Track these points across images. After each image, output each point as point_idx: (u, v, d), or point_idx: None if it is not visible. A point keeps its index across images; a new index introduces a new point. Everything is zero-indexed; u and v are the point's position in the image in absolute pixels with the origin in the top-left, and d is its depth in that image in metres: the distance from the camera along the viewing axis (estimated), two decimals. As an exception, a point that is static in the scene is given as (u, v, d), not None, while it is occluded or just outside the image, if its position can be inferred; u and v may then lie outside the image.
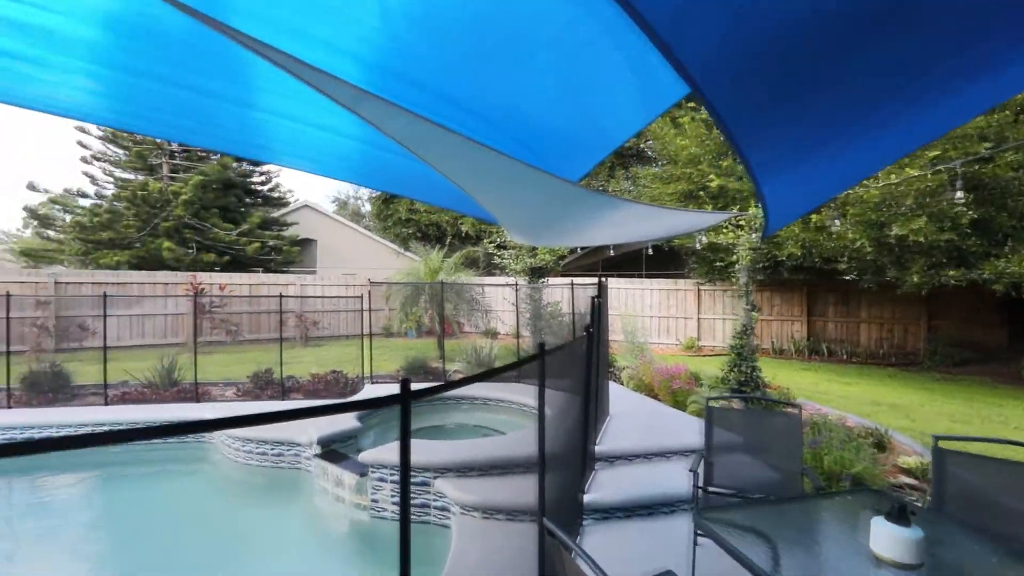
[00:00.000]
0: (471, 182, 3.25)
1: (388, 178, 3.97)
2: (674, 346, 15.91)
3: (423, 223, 25.52)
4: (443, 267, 12.90)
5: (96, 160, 18.98)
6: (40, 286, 13.52)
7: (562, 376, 3.69)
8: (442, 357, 9.80)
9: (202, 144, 3.04)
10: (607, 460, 4.99)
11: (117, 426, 6.81)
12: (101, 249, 17.73)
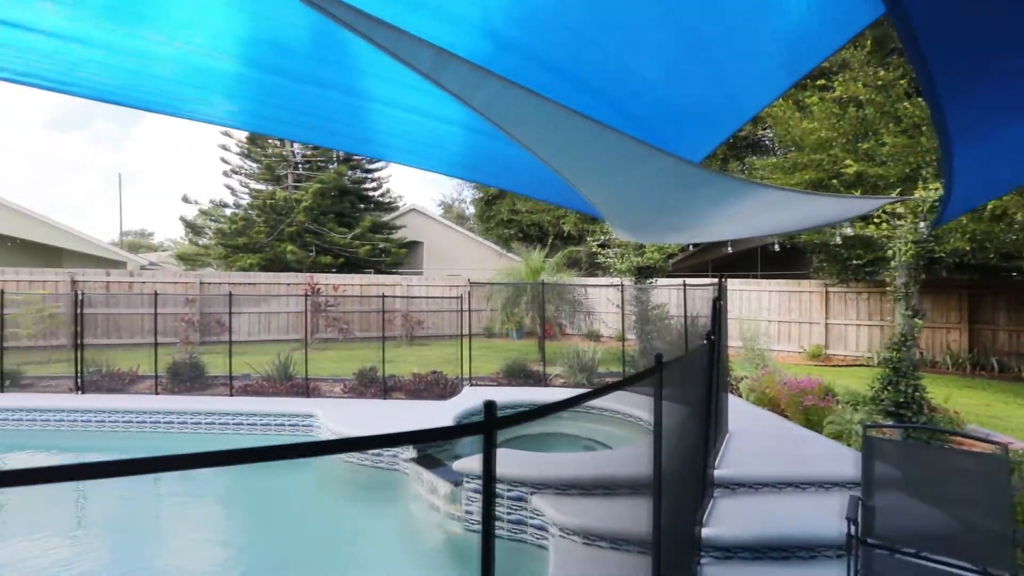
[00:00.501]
0: (575, 167, 2.85)
1: (492, 170, 3.68)
2: (796, 354, 14.29)
3: (524, 223, 25.48)
4: (544, 267, 12.60)
5: (234, 173, 21.13)
6: (189, 286, 15.19)
7: (679, 387, 3.17)
8: (543, 360, 9.49)
9: (318, 141, 2.96)
10: (728, 487, 4.33)
11: (238, 415, 7.27)
12: (238, 253, 19.67)
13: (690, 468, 3.59)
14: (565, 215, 21.46)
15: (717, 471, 4.35)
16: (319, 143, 2.58)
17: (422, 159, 2.97)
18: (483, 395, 7.75)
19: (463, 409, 6.76)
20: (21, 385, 8.67)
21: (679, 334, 9.29)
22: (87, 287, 13.99)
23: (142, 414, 7.34)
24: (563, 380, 9.06)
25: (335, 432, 6.34)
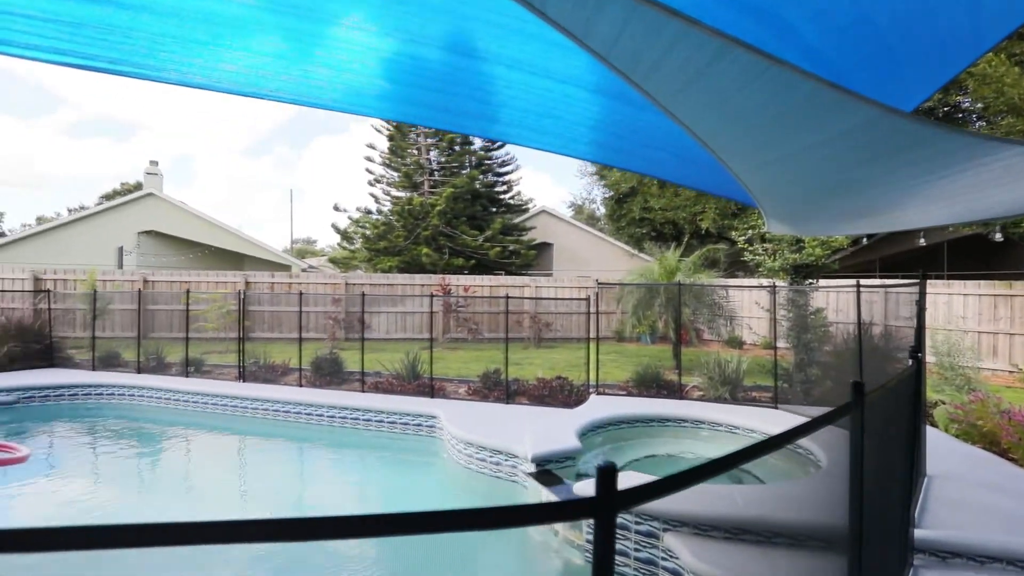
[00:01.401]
0: (729, 132, 2.21)
1: (626, 147, 3.12)
2: (1008, 373, 11.45)
3: (658, 221, 24.09)
4: (680, 267, 11.55)
5: (377, 182, 22.78)
6: (336, 287, 16.55)
7: (879, 420, 2.35)
8: (678, 368, 8.58)
9: (447, 127, 2.70)
10: (935, 554, 3.28)
11: (368, 412, 7.50)
12: (380, 256, 21.14)
13: (882, 524, 2.70)
14: (703, 211, 19.81)
15: (918, 530, 3.32)
16: (450, 127, 2.29)
17: (550, 138, 2.54)
18: (611, 405, 7.13)
19: (588, 420, 6.22)
20: (202, 372, 9.90)
21: (846, 345, 7.78)
22: (257, 288, 15.85)
23: (287, 404, 7.91)
24: (701, 392, 8.09)
25: (455, 436, 6.18)
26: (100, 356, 10.29)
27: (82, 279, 14.47)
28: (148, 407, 8.71)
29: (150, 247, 22.70)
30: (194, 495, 5.98)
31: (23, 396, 8.64)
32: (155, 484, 6.30)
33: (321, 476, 6.65)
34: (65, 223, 22.36)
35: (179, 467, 6.95)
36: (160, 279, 15.60)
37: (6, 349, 10.22)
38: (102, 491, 6.00)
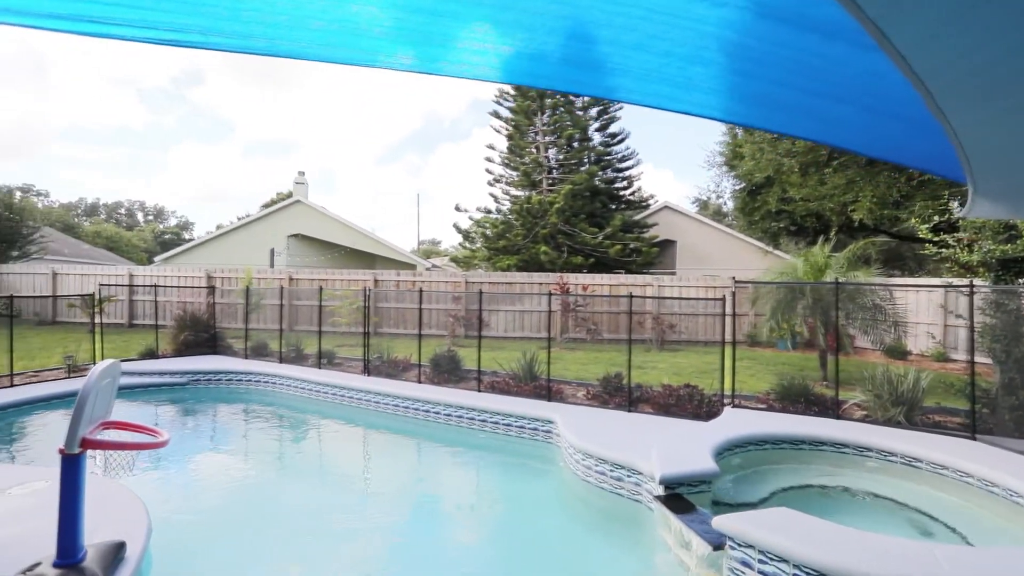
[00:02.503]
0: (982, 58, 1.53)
1: (800, 105, 2.47)
2: None
3: (798, 214, 21.55)
4: (831, 264, 10.03)
5: (497, 182, 23.06)
6: (457, 285, 16.93)
7: None
8: (827, 380, 7.35)
9: (561, 87, 2.30)
10: None
11: (484, 412, 7.36)
12: (499, 255, 21.36)
13: None
14: (857, 200, 17.27)
15: None
16: (560, 88, 1.91)
17: (670, 89, 2.01)
18: (750, 420, 6.24)
19: (724, 438, 5.44)
20: (334, 364, 10.54)
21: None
22: (384, 285, 16.73)
23: (407, 400, 8.04)
24: (864, 412, 6.82)
25: (573, 444, 5.76)
26: (252, 346, 11.40)
27: (241, 277, 16.32)
28: (287, 394, 9.41)
29: (297, 248, 25.17)
30: (321, 480, 6.23)
31: (192, 379, 9.79)
32: (288, 466, 6.67)
33: (437, 474, 6.60)
34: (233, 229, 25.56)
35: (310, 453, 7.34)
36: (302, 277, 17.08)
37: (183, 337, 11.73)
38: (245, 468, 6.48)
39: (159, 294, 16.36)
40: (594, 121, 22.42)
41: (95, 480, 3.88)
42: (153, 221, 70.87)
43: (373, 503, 5.60)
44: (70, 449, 2.87)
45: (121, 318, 17.05)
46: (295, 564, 4.28)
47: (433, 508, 5.52)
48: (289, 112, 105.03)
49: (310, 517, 5.14)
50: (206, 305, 13.36)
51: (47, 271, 17.96)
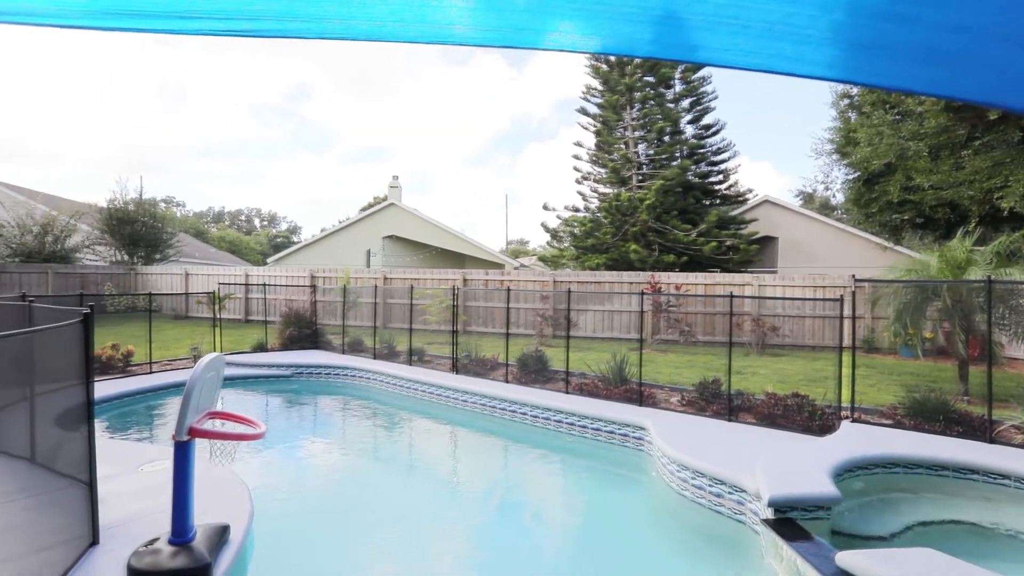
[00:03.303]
0: None
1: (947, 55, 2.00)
2: None
3: (927, 204, 19.12)
4: (974, 260, 8.70)
5: (584, 180, 22.65)
6: (544, 284, 16.81)
7: None
8: (975, 395, 6.32)
9: (659, 54, 2.07)
10: None
11: (571, 415, 7.14)
12: (587, 254, 20.97)
13: None
14: (1006, 184, 14.95)
15: None
16: (640, 55, 1.66)
17: (767, 44, 1.68)
18: (874, 438, 5.50)
19: (844, 457, 4.80)
20: (423, 361, 10.81)
21: None
22: (472, 284, 16.97)
23: (494, 399, 8.01)
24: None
25: (667, 454, 5.40)
26: (349, 342, 11.99)
27: (340, 277, 17.30)
28: (380, 389, 9.76)
29: (391, 249, 26.33)
30: (410, 474, 6.34)
31: (296, 371, 10.46)
32: (380, 459, 6.87)
33: (522, 476, 6.49)
34: (333, 232, 27.27)
35: (400, 447, 7.52)
36: (396, 276, 17.79)
37: (288, 332, 12.61)
38: (340, 458, 6.76)
39: (269, 292, 17.78)
40: (686, 113, 21.37)
41: (205, 465, 4.15)
42: (267, 226, 77.68)
43: (459, 501, 5.59)
44: (179, 436, 3.04)
45: (238, 314, 18.73)
46: (382, 553, 4.33)
47: (517, 512, 5.40)
48: (385, 120, 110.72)
49: (398, 510, 5.23)
50: (309, 303, 14.30)
51: (181, 272, 20.14)
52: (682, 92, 21.22)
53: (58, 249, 19.66)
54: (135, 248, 22.04)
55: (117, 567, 3.16)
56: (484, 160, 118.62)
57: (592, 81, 22.32)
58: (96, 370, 9.23)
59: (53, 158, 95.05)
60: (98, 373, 9.12)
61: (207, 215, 73.92)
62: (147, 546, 3.23)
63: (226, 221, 75.58)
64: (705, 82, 20.98)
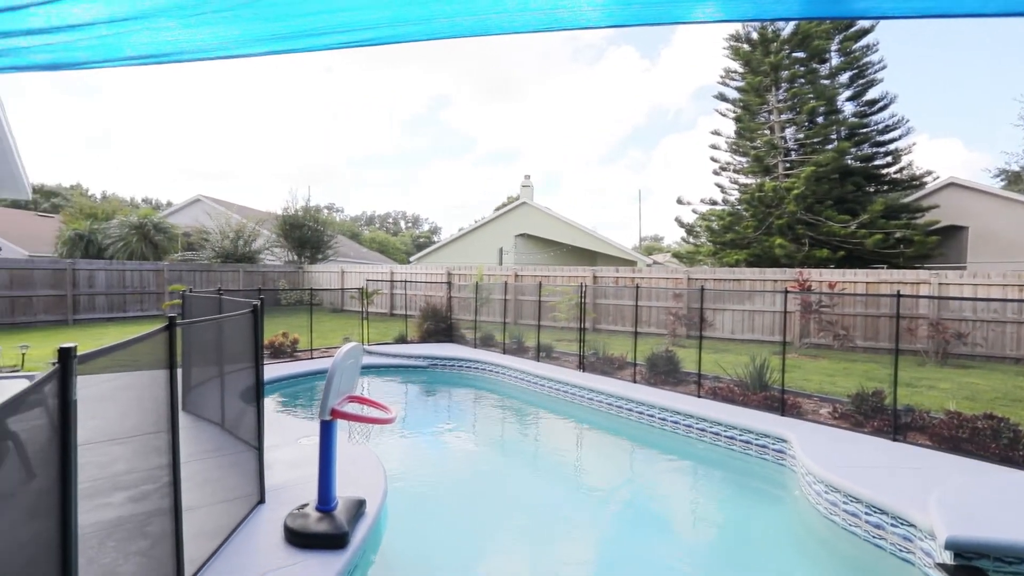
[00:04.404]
0: None
1: None
2: None
3: None
4: None
5: (723, 171, 21.16)
6: (678, 282, 16.02)
7: None
8: None
9: (810, 13, 1.86)
10: None
11: (703, 421, 6.71)
12: (725, 249, 19.59)
13: None
14: None
15: None
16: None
17: None
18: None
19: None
20: (551, 358, 10.90)
21: None
22: (602, 282, 16.73)
23: (620, 399, 7.81)
24: None
25: (813, 472, 4.82)
26: (480, 336, 12.51)
27: (473, 274, 18.11)
28: (509, 383, 10.04)
29: (523, 247, 26.96)
30: (534, 468, 6.43)
31: (431, 363, 11.17)
32: (506, 451, 7.07)
33: (648, 481, 6.23)
34: (469, 231, 28.65)
35: (526, 441, 7.66)
36: (526, 273, 18.16)
37: (425, 326, 13.52)
38: (468, 447, 7.08)
39: (410, 289, 19.23)
40: (844, 88, 18.91)
41: (347, 444, 4.59)
42: (411, 227, 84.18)
43: (583, 501, 5.54)
44: (323, 416, 3.40)
45: (384, 308, 20.51)
46: (505, 543, 4.44)
47: (641, 517, 5.20)
48: (518, 122, 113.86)
49: (522, 502, 5.33)
50: (445, 299, 15.17)
51: (338, 270, 22.61)
52: (840, 65, 18.83)
53: (247, 251, 23.17)
54: (303, 249, 25.21)
55: (276, 524, 3.63)
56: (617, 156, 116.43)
57: (732, 64, 20.76)
58: (268, 354, 10.74)
59: (245, 174, 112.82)
60: (270, 357, 10.60)
61: (361, 219, 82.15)
62: (299, 510, 3.67)
63: (376, 224, 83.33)
64: (869, 50, 18.37)
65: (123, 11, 1.64)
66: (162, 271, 19.17)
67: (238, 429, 4.79)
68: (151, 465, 2.90)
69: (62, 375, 1.54)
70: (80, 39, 1.80)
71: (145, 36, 1.77)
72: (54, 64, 2.02)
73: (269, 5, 1.55)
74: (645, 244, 55.70)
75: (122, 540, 2.92)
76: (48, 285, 16.36)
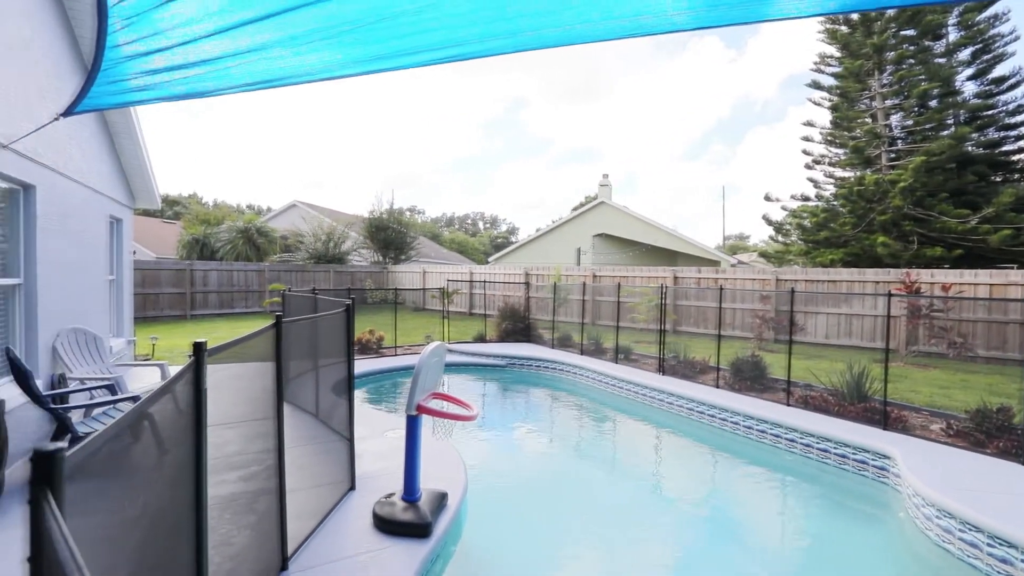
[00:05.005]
0: None
1: None
2: None
3: None
4: None
5: (816, 164, 19.75)
6: (765, 283, 15.18)
7: None
8: None
9: None
10: None
11: (792, 431, 6.33)
12: (819, 248, 18.29)
13: None
14: None
15: None
16: None
17: None
18: None
19: None
20: (630, 359, 10.72)
21: None
22: (683, 283, 16.19)
23: (702, 405, 7.55)
24: None
25: (922, 494, 4.42)
26: (558, 337, 12.54)
27: (551, 274, 18.16)
28: (586, 384, 10.00)
29: (600, 247, 26.64)
30: (611, 471, 6.37)
31: (509, 362, 11.35)
32: (583, 452, 7.04)
33: (731, 492, 5.96)
34: (547, 231, 28.73)
35: (603, 443, 7.60)
36: (604, 274, 17.95)
37: (503, 326, 13.74)
38: (545, 446, 7.13)
39: (488, 288, 19.61)
40: (964, 67, 16.98)
41: (431, 439, 4.80)
42: (489, 228, 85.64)
43: (659, 507, 5.43)
44: (409, 411, 3.59)
45: (463, 308, 21.05)
46: (582, 544, 4.45)
47: (723, 529, 5.00)
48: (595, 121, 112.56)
49: (599, 504, 5.31)
50: (523, 299, 15.35)
51: (419, 270, 23.50)
52: (959, 41, 16.95)
53: (336, 252, 24.66)
54: (387, 250, 26.45)
55: (365, 511, 3.87)
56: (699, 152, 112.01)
57: (828, 48, 19.35)
58: (356, 350, 11.39)
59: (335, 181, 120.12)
60: (358, 353, 11.23)
61: (440, 220, 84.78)
62: (386, 498, 3.89)
63: (455, 225, 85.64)
64: (998, 21, 16.36)
65: (245, 44, 1.85)
66: (263, 271, 20.86)
67: (330, 419, 5.14)
68: (258, 448, 3.20)
69: (196, 366, 1.76)
70: (209, 71, 2.05)
71: (262, 65, 1.98)
72: (188, 93, 2.31)
73: (369, 31, 1.69)
74: (729, 243, 53.18)
75: (235, 514, 3.25)
76: (171, 284, 18.33)
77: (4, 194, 4.78)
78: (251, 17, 1.75)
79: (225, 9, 1.69)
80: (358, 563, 3.29)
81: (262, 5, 1.70)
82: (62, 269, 5.82)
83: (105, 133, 7.90)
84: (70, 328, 5.90)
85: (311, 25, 1.78)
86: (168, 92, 2.39)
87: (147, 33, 1.91)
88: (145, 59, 2.17)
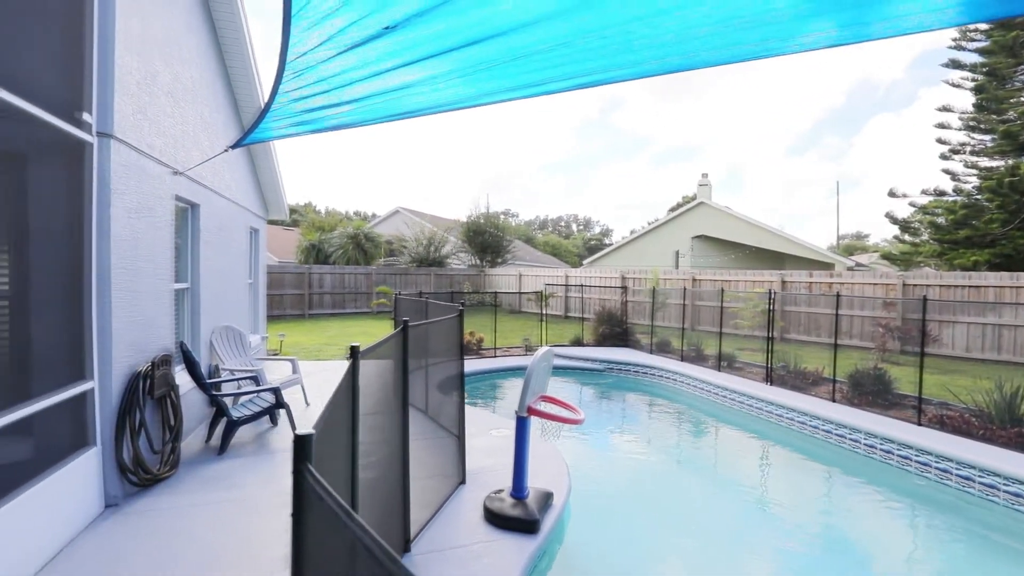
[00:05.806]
0: None
1: None
2: None
3: None
4: None
5: (955, 154, 17.58)
6: (890, 288, 13.81)
7: None
8: None
9: None
10: None
11: (926, 454, 5.75)
12: (956, 249, 16.27)
13: None
14: None
15: None
16: None
17: None
18: None
19: None
20: (734, 368, 10.27)
21: None
22: (792, 287, 15.16)
23: (816, 419, 7.08)
24: None
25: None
26: (656, 342, 12.28)
27: (648, 277, 17.78)
28: (686, 392, 9.72)
29: (700, 249, 25.60)
30: (713, 484, 6.17)
31: (607, 367, 11.31)
32: (684, 461, 6.88)
33: (857, 517, 5.52)
34: (643, 233, 28.12)
35: (705, 454, 7.37)
36: (705, 278, 17.25)
37: (600, 330, 13.69)
38: (645, 453, 7.06)
39: (584, 292, 19.57)
40: None
41: (537, 440, 4.97)
42: (583, 230, 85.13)
43: (766, 524, 5.18)
44: (520, 412, 3.77)
45: (559, 311, 21.19)
46: (680, 554, 4.39)
47: (841, 559, 4.68)
48: (695, 119, 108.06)
49: (700, 516, 5.19)
50: (619, 303, 15.19)
51: (515, 273, 23.99)
52: None
53: (436, 256, 25.85)
54: (484, 253, 27.27)
55: (476, 504, 4.12)
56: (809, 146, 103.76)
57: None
58: (460, 351, 11.91)
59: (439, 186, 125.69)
60: (461, 353, 11.76)
61: (534, 223, 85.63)
62: (495, 494, 4.11)
63: (549, 227, 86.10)
64: None
65: (392, 84, 2.12)
66: (371, 274, 22.40)
67: (440, 416, 5.49)
68: (383, 439, 3.54)
69: (352, 366, 2.04)
70: (358, 107, 2.36)
71: (403, 101, 2.25)
72: (337, 126, 2.67)
73: (503, 68, 1.87)
74: (844, 243, 48.70)
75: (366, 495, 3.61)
76: (293, 286, 20.27)
77: (179, 212, 5.64)
78: (400, 63, 2.00)
79: (381, 58, 1.95)
80: (471, 552, 3.52)
81: (410, 52, 1.94)
82: (216, 274, 6.73)
83: (248, 154, 8.99)
84: (223, 326, 6.80)
85: (451, 66, 2.00)
86: (320, 126, 2.76)
87: (312, 80, 2.25)
88: (305, 100, 2.54)
